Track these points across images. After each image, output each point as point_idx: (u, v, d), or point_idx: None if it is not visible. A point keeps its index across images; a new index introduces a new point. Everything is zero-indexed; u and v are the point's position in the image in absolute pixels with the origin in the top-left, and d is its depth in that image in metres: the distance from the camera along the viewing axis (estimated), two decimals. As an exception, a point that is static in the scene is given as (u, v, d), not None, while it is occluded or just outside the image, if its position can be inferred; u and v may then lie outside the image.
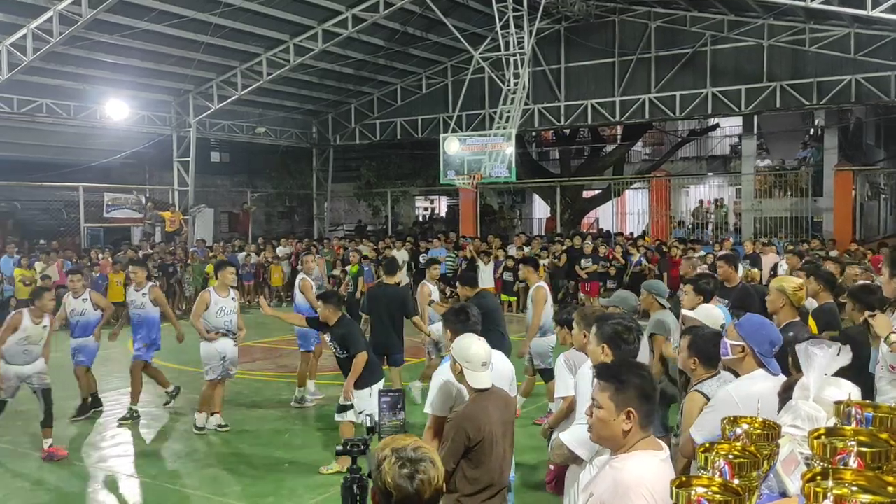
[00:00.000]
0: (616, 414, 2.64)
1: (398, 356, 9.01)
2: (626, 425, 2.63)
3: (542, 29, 20.15)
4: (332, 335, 7.04)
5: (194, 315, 8.49)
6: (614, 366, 2.91)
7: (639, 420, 2.63)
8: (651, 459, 2.62)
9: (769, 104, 19.69)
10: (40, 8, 15.22)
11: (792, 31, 18.94)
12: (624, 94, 21.21)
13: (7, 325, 7.59)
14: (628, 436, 2.64)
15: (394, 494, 2.07)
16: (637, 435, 2.64)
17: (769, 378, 3.62)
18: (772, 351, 3.71)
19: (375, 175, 27.43)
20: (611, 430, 2.67)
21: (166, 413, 9.42)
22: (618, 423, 2.64)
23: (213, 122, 22.73)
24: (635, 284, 15.86)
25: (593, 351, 3.94)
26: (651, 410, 2.68)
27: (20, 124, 19.38)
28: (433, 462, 2.13)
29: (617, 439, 2.67)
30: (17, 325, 7.52)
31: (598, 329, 3.95)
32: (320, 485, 6.71)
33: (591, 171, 26.23)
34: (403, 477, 2.07)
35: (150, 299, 9.10)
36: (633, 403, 2.63)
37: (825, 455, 2.11)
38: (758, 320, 3.96)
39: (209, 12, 16.51)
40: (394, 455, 2.10)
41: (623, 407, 2.63)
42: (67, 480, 7.05)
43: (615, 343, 3.86)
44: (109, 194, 21.50)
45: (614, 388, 2.66)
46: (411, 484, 2.07)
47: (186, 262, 18.85)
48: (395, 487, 2.07)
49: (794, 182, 21.86)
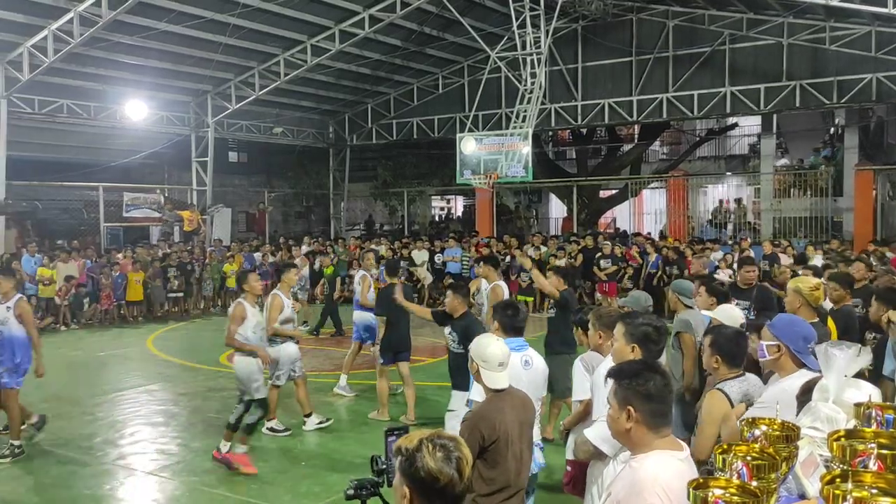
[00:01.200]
0: (618, 412, 2.66)
1: (406, 353, 9.12)
2: (627, 423, 2.62)
3: (558, 28, 20.09)
4: (454, 327, 6.94)
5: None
6: (620, 365, 2.91)
7: (641, 419, 2.61)
8: (669, 459, 2.60)
9: (789, 103, 19.52)
10: (61, 9, 15.38)
11: (812, 29, 18.76)
12: (641, 93, 21.11)
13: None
14: (633, 435, 2.63)
15: (439, 480, 2.09)
16: (646, 435, 2.62)
17: (811, 375, 3.57)
18: (807, 347, 3.67)
19: (392, 175, 27.49)
20: (616, 427, 2.69)
21: (184, 411, 9.48)
22: (621, 422, 2.65)
23: (231, 122, 22.87)
24: (650, 286, 15.87)
25: (621, 350, 3.88)
26: (658, 410, 2.64)
27: (41, 125, 19.59)
28: (460, 442, 2.18)
29: (623, 437, 2.69)
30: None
31: (628, 329, 3.90)
32: (335, 484, 6.74)
33: (607, 170, 26.13)
34: (444, 461, 2.10)
35: (16, 315, 7.60)
36: (634, 402, 2.62)
37: (845, 457, 2.10)
38: (788, 318, 3.93)
39: (227, 13, 16.61)
40: (428, 443, 2.13)
41: (623, 405, 2.64)
42: (87, 479, 7.11)
43: (645, 344, 3.84)
44: (128, 194, 21.70)
45: (616, 385, 2.69)
46: (450, 465, 2.10)
47: (205, 262, 18.99)
48: (439, 472, 2.09)
49: (813, 182, 21.65)
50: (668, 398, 2.71)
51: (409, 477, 2.13)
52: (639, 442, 2.64)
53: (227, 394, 10.20)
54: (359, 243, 21.92)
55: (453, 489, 2.11)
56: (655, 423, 2.63)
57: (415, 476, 2.11)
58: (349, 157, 26.88)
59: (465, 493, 2.17)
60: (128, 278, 17.26)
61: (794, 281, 5.72)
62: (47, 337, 15.31)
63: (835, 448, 2.16)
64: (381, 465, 2.80)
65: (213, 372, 11.67)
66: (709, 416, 3.93)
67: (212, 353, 12.94)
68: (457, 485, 2.11)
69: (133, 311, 17.62)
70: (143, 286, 17.49)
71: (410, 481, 2.12)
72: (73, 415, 9.34)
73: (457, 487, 2.11)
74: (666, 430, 2.67)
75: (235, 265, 19.32)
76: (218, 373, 11.57)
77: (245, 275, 8.11)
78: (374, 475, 2.81)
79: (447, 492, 2.10)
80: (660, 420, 2.65)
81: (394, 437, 2.82)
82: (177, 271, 18.06)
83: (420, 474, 2.10)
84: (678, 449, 2.69)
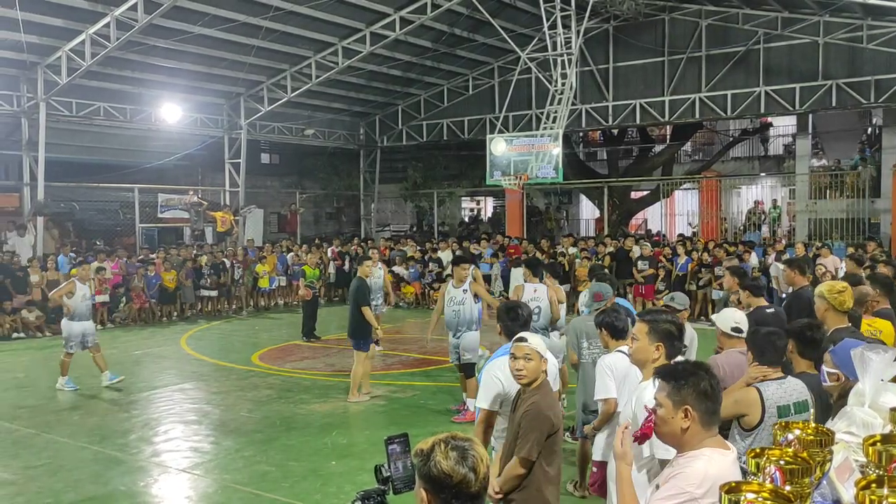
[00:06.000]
0: (674, 412, 2.69)
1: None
2: (684, 423, 2.67)
3: (590, 28, 19.99)
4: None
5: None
6: (672, 365, 2.97)
7: (698, 418, 2.66)
8: (719, 457, 2.66)
9: (824, 103, 19.21)
10: (98, 14, 15.67)
11: (849, 27, 18.43)
12: (673, 93, 20.92)
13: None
14: (687, 434, 2.68)
15: (453, 478, 2.11)
16: (699, 434, 2.68)
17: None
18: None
19: (422, 176, 27.55)
20: (670, 428, 2.72)
21: (217, 410, 9.59)
22: (676, 422, 2.69)
23: (264, 124, 23.10)
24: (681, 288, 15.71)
25: (644, 349, 3.85)
26: (712, 409, 2.70)
27: (79, 127, 19.94)
28: (475, 442, 2.20)
29: (677, 437, 2.72)
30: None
31: (652, 327, 3.86)
32: (366, 483, 6.76)
33: (639, 171, 25.91)
34: (458, 460, 2.12)
35: None
36: (691, 401, 2.67)
37: (880, 462, 2.07)
38: (850, 346, 3.80)
39: (260, 16, 16.79)
40: (442, 444, 2.16)
41: (680, 405, 2.68)
42: (122, 475, 7.23)
43: (670, 341, 3.81)
44: (163, 195, 22.03)
45: (671, 386, 2.72)
46: (464, 465, 2.12)
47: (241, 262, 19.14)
48: (451, 471, 2.11)
49: (850, 182, 21.28)
50: (720, 397, 2.77)
51: (423, 478, 2.17)
52: (691, 440, 2.69)
53: (259, 393, 10.34)
54: (388, 244, 22.01)
55: (468, 488, 2.12)
56: (710, 421, 2.70)
57: (429, 476, 2.14)
58: (380, 159, 26.99)
59: (482, 493, 2.17)
60: (161, 278, 17.53)
61: (819, 286, 5.62)
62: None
63: (870, 453, 2.13)
64: (385, 473, 2.78)
65: (245, 371, 11.80)
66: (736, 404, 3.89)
67: (244, 353, 13.11)
68: (472, 484, 2.12)
69: (167, 311, 17.88)
70: (174, 286, 17.75)
71: (426, 482, 2.16)
72: (109, 412, 9.52)
73: (472, 486, 2.12)
74: (715, 428, 2.73)
75: (268, 266, 19.52)
76: (250, 372, 11.70)
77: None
78: (380, 484, 2.80)
79: (462, 491, 2.12)
80: (713, 419, 2.72)
81: (395, 444, 2.76)
82: (210, 271, 18.30)
83: (433, 474, 2.13)
84: (726, 448, 2.74)
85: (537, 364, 4.08)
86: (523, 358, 4.09)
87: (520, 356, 4.11)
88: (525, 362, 4.08)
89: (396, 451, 2.76)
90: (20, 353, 13.85)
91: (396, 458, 2.74)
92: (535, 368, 4.07)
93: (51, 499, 6.62)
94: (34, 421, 9.00)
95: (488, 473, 2.19)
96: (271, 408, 9.49)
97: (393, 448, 2.77)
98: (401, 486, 2.58)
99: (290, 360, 12.63)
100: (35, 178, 17.67)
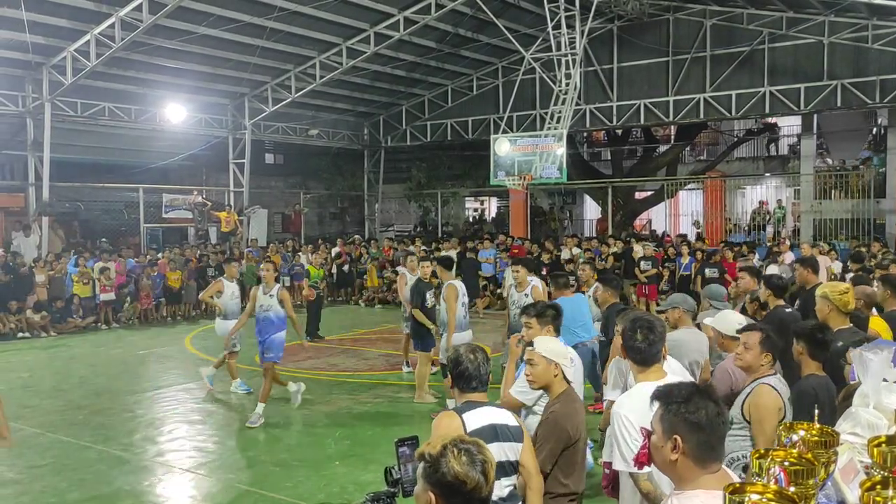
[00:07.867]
0: (663, 440, 2.32)
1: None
2: (672, 455, 2.29)
3: (594, 28, 19.96)
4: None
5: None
6: (668, 386, 2.49)
7: (689, 452, 2.27)
8: (715, 502, 2.21)
9: (829, 103, 19.15)
10: (103, 14, 15.69)
11: (854, 27, 18.39)
12: (678, 93, 20.88)
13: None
14: (678, 467, 2.29)
15: (466, 483, 2.09)
16: (692, 470, 2.28)
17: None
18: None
19: (426, 176, 27.56)
20: (661, 457, 2.35)
21: (221, 410, 9.61)
22: (666, 451, 2.31)
23: (268, 124, 23.13)
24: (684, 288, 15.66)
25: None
26: (707, 442, 2.29)
27: (84, 127, 19.97)
28: (483, 446, 2.18)
29: (668, 469, 2.35)
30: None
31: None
32: (369, 484, 6.77)
33: (643, 171, 25.89)
34: (469, 464, 2.10)
35: None
36: (680, 431, 2.28)
37: (885, 463, 2.06)
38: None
39: (264, 17, 16.81)
40: (453, 448, 2.13)
41: (669, 434, 2.30)
42: (126, 475, 7.24)
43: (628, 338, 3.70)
44: (167, 195, 22.06)
45: (661, 410, 2.37)
46: (476, 469, 2.10)
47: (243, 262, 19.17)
48: (465, 476, 2.09)
49: (855, 183, 21.21)
50: (720, 430, 2.35)
51: (434, 483, 2.11)
52: (684, 475, 2.30)
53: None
54: (392, 245, 22.02)
55: (479, 493, 2.10)
56: (704, 456, 2.29)
57: (441, 481, 2.10)
58: (383, 159, 27.00)
59: (490, 497, 2.16)
60: (166, 278, 17.57)
61: (822, 287, 5.60)
62: (89, 336, 15.69)
63: (875, 454, 2.12)
64: (396, 475, 2.77)
65: (249, 371, 11.80)
66: (766, 409, 3.91)
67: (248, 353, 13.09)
68: (482, 488, 2.10)
69: (172, 311, 17.91)
70: (179, 286, 17.79)
71: (436, 487, 2.11)
72: (114, 411, 9.54)
73: (482, 491, 2.11)
74: (715, 465, 2.32)
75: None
76: (253, 372, 11.70)
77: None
78: (390, 486, 2.78)
79: (474, 496, 2.10)
80: (709, 454, 2.30)
81: (405, 447, 2.78)
82: (214, 271, 18.30)
83: (447, 479, 2.09)
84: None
85: (543, 369, 4.03)
86: (529, 363, 4.10)
87: (527, 361, 4.13)
88: (531, 368, 4.08)
89: (406, 454, 2.77)
90: (25, 353, 13.89)
91: (406, 461, 2.76)
92: (541, 373, 4.04)
93: (55, 498, 6.63)
94: (39, 420, 9.02)
95: (494, 478, 2.17)
96: (275, 408, 9.50)
97: (403, 450, 2.79)
98: (411, 488, 2.57)
99: (293, 361, 12.63)
100: (40, 179, 17.71)
